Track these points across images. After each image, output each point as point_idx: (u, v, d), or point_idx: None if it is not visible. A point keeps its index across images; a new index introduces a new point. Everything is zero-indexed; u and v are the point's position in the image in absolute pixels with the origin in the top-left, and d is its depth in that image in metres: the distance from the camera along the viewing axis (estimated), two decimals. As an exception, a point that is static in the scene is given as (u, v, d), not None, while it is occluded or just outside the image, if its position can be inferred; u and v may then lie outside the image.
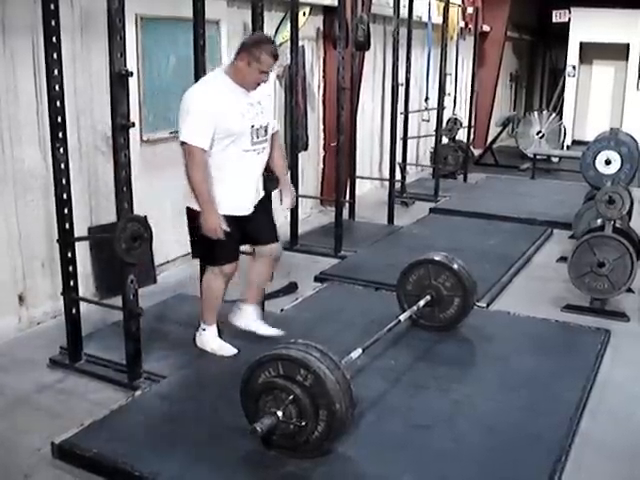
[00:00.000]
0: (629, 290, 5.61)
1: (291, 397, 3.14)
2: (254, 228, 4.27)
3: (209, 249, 4.15)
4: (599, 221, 5.86)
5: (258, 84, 4.03)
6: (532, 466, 3.38)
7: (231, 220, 4.05)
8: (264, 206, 4.33)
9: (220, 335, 4.46)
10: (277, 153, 4.36)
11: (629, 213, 6.35)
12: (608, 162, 6.52)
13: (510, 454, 3.48)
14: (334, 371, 3.17)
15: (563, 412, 3.85)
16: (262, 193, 4.31)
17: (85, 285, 5.28)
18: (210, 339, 4.40)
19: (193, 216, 4.07)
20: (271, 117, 4.24)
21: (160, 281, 6.01)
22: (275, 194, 4.47)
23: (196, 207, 4.01)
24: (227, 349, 4.39)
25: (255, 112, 4.06)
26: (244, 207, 4.16)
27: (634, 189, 7.79)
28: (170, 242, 6.21)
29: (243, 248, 4.44)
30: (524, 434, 3.64)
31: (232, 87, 4.00)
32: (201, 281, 4.48)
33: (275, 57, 4.00)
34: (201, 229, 3.99)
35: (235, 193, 4.11)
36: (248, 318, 4.54)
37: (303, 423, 3.16)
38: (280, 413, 3.16)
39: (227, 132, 3.95)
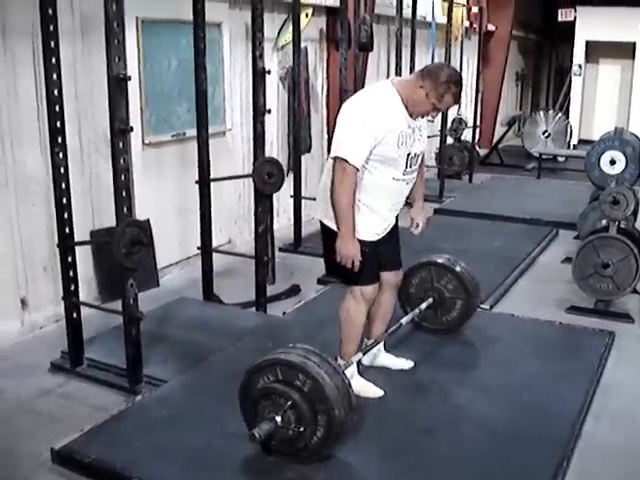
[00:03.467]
0: (634, 291, 5.57)
1: (290, 402, 3.12)
2: (381, 253, 3.86)
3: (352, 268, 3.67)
4: (604, 222, 5.83)
5: (424, 116, 3.70)
6: (535, 470, 3.36)
7: (368, 242, 3.73)
8: (392, 230, 3.91)
9: None
10: (419, 178, 3.95)
11: (634, 214, 6.32)
12: (613, 162, 6.48)
13: (513, 458, 3.45)
14: (333, 376, 3.15)
15: (566, 415, 3.82)
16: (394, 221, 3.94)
17: (88, 289, 5.30)
18: (351, 379, 3.58)
19: (330, 235, 3.68)
20: (425, 144, 3.82)
21: (163, 284, 6.00)
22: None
23: (333, 226, 3.64)
24: (373, 390, 3.95)
25: (415, 139, 3.66)
26: (376, 234, 3.77)
27: (639, 189, 7.76)
28: (173, 245, 6.22)
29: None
30: (527, 437, 3.61)
31: (400, 108, 3.58)
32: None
33: (457, 101, 3.66)
34: (336, 253, 3.63)
35: (373, 220, 3.72)
36: (375, 353, 4.19)
37: (302, 429, 3.14)
38: (279, 418, 3.13)
39: (383, 156, 3.56)
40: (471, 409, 3.89)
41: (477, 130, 12.02)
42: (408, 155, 3.64)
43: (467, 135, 11.62)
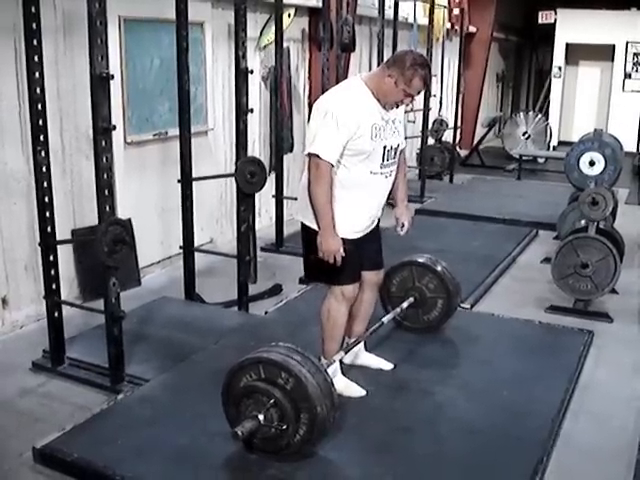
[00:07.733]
0: (613, 291, 5.63)
1: (272, 401, 3.14)
2: (363, 252, 3.85)
3: (333, 267, 3.64)
4: (583, 222, 5.88)
5: (398, 105, 3.69)
6: (514, 468, 3.38)
7: (349, 240, 3.71)
8: (374, 229, 3.92)
9: None
10: (401, 175, 3.94)
11: (613, 214, 6.38)
12: (592, 163, 6.52)
13: (492, 456, 3.48)
14: (315, 374, 3.16)
15: (545, 413, 3.85)
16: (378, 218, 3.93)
17: (69, 288, 5.28)
18: (334, 378, 3.64)
19: (310, 235, 3.68)
20: (402, 137, 3.82)
21: (144, 283, 5.99)
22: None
23: (313, 226, 3.65)
24: (355, 390, 3.97)
25: (390, 131, 3.67)
26: (356, 232, 3.76)
27: (619, 190, 7.84)
28: (155, 244, 6.21)
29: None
30: (506, 436, 3.65)
31: (371, 101, 3.61)
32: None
33: (426, 83, 3.61)
34: (317, 251, 3.62)
35: (353, 218, 3.71)
36: (355, 352, 4.21)
37: (284, 427, 3.16)
38: (261, 417, 3.15)
39: (358, 150, 3.56)
40: (451, 408, 3.92)
41: (458, 131, 12.08)
42: (384, 148, 3.65)
43: (448, 136, 11.67)
